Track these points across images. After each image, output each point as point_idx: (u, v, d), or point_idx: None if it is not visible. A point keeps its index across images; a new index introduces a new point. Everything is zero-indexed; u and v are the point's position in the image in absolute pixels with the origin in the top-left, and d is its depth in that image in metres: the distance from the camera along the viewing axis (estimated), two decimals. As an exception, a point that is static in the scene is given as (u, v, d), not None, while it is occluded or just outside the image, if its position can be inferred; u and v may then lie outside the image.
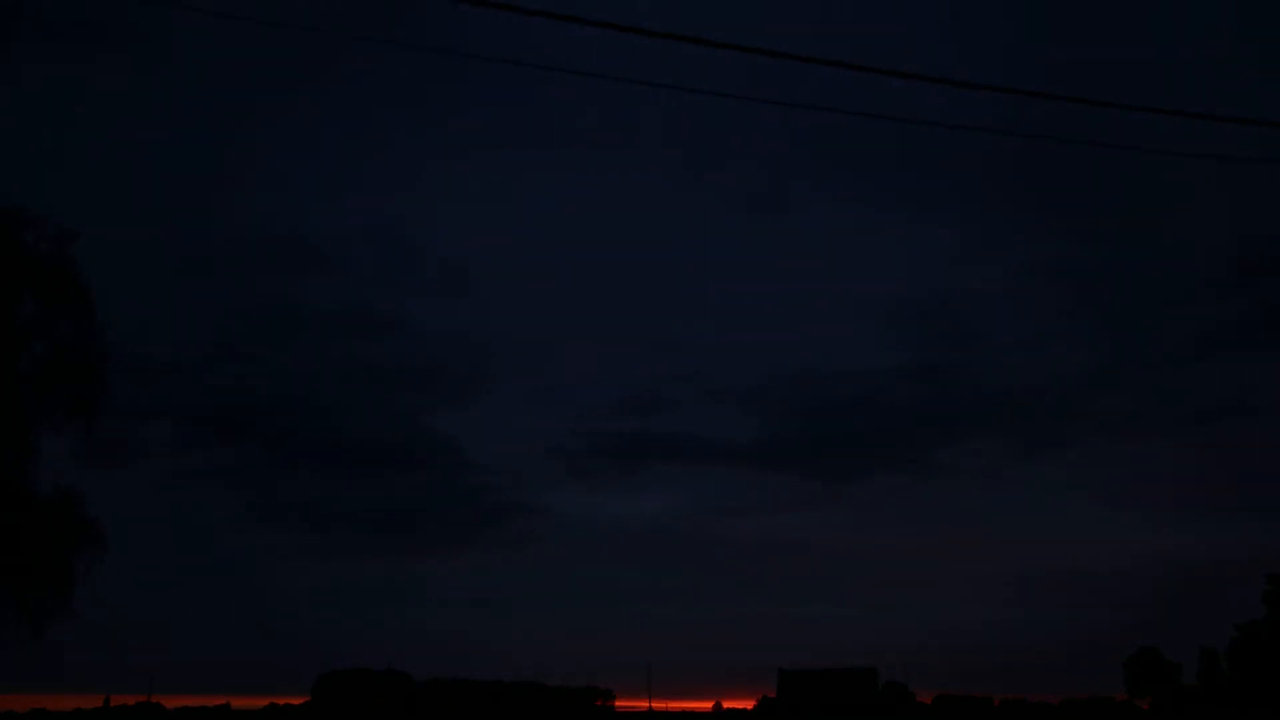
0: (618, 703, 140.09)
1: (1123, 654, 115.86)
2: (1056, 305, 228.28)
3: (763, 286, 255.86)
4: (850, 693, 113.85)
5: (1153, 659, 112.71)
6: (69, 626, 24.06)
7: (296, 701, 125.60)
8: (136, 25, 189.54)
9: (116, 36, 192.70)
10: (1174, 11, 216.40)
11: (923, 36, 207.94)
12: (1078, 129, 15.27)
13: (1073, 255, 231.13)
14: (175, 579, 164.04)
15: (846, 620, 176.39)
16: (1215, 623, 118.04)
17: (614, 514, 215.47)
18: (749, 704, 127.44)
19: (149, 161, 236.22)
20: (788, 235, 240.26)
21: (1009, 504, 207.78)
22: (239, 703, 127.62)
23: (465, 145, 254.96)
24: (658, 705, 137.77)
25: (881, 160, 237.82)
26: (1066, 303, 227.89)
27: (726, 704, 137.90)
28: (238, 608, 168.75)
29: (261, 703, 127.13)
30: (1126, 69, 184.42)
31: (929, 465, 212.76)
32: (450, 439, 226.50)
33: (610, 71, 13.80)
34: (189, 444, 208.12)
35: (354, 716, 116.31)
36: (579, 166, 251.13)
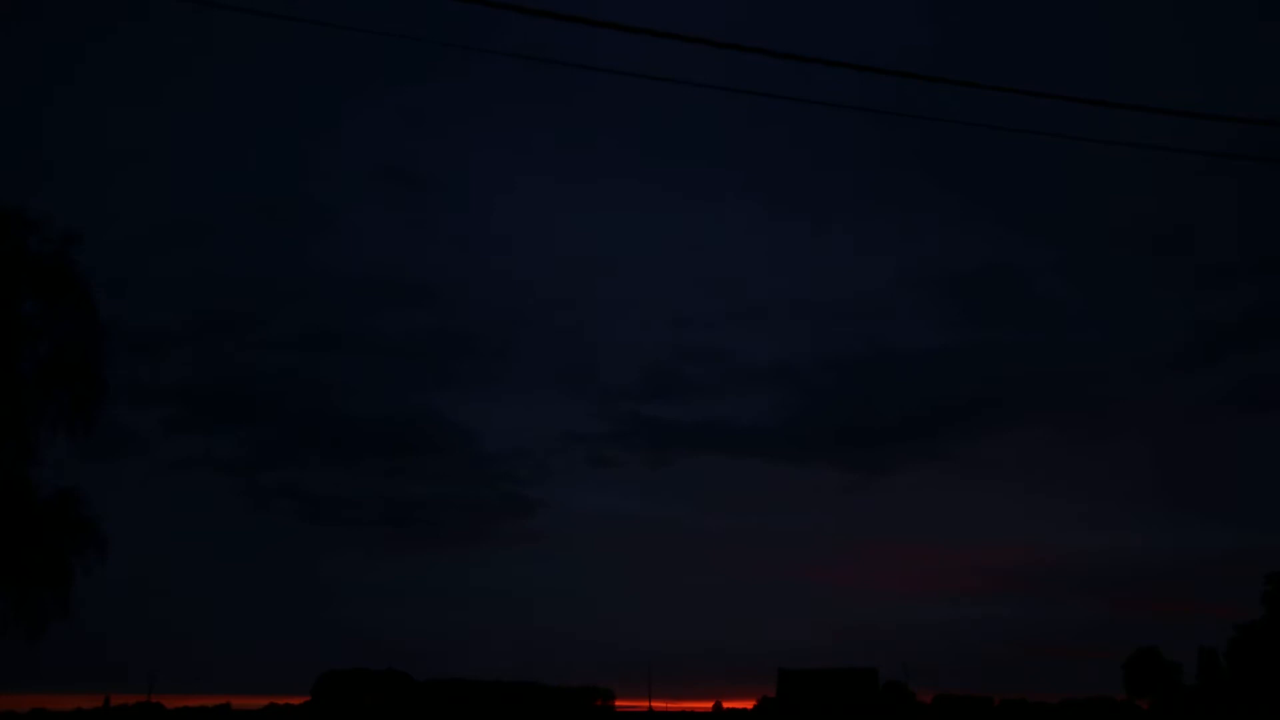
0: (618, 703, 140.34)
1: (1123, 654, 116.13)
2: (1078, 295, 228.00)
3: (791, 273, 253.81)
4: (850, 693, 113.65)
5: (1153, 659, 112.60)
6: (69, 626, 24.03)
7: (296, 701, 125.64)
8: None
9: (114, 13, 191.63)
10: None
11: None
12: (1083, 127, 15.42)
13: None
14: (174, 577, 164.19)
15: (849, 619, 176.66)
16: (1215, 623, 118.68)
17: (619, 510, 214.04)
18: (749, 704, 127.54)
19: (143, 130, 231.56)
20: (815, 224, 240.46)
21: (1011, 501, 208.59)
22: (239, 703, 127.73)
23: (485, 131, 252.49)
24: (658, 705, 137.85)
25: (903, 149, 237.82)
26: (1089, 292, 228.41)
27: (726, 704, 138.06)
28: (237, 607, 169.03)
29: (261, 702, 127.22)
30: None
31: (947, 457, 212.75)
32: (463, 427, 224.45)
33: (622, 69, 13.92)
34: (183, 428, 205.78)
35: (354, 716, 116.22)
36: (606, 149, 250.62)
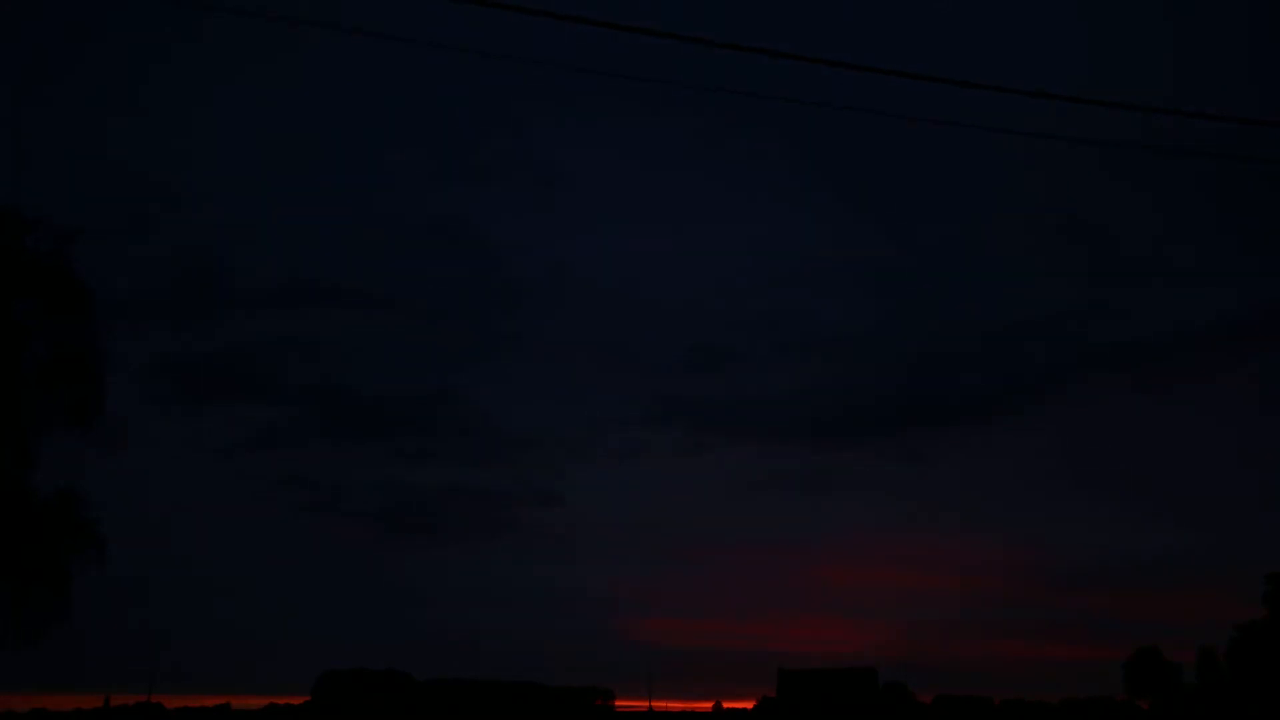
0: (618, 703, 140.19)
1: (1123, 654, 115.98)
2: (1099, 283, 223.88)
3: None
4: (850, 693, 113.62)
5: (1153, 659, 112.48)
6: (68, 627, 23.99)
7: (296, 701, 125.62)
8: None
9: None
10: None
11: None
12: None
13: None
14: (172, 575, 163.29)
15: (848, 617, 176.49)
16: (1215, 623, 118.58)
17: (624, 505, 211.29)
18: (749, 704, 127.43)
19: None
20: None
21: (1011, 498, 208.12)
22: (239, 703, 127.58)
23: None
24: (658, 705, 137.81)
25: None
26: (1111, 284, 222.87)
27: (726, 704, 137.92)
28: (236, 605, 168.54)
29: (261, 702, 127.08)
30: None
31: (950, 453, 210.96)
32: (477, 408, 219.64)
33: (630, 71, 13.94)
34: (171, 406, 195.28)
35: (354, 716, 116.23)
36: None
